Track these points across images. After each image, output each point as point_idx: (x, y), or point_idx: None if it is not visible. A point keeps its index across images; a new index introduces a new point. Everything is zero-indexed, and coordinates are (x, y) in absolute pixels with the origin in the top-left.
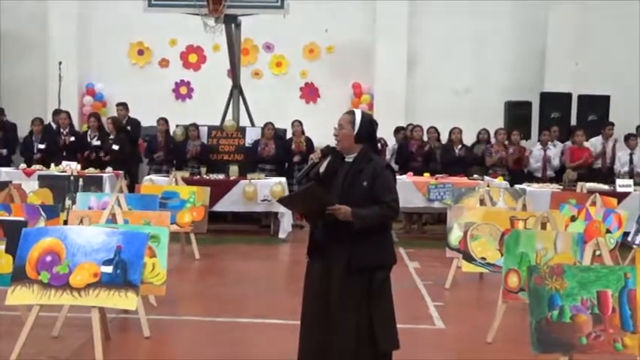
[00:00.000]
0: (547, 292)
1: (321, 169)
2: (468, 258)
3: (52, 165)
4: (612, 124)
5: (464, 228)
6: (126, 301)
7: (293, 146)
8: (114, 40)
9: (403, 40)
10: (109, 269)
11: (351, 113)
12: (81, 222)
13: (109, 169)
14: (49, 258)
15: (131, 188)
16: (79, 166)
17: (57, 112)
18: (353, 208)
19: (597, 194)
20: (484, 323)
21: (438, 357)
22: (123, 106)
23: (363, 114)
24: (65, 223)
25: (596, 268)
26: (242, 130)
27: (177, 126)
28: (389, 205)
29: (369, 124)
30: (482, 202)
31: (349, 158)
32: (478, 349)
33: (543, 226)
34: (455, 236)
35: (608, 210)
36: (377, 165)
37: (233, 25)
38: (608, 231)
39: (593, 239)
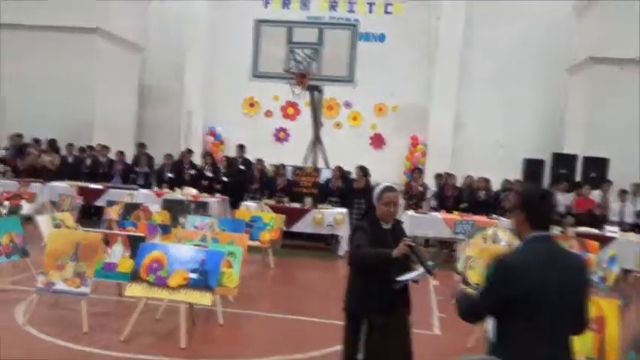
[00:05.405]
0: None
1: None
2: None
3: (177, 189)
4: (610, 182)
5: (465, 259)
6: (204, 298)
7: (355, 185)
8: (232, 95)
9: (452, 104)
10: (195, 275)
11: (395, 190)
12: (180, 241)
13: (218, 195)
14: (155, 265)
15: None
16: (195, 192)
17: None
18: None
19: (575, 240)
20: (472, 332)
21: (424, 357)
22: (241, 147)
23: None
24: None
25: None
26: (318, 170)
27: (270, 165)
28: None
29: None
30: (485, 240)
31: (388, 225)
32: (457, 351)
33: None
34: (460, 264)
35: (582, 253)
36: (401, 225)
37: (315, 92)
38: None
39: None
